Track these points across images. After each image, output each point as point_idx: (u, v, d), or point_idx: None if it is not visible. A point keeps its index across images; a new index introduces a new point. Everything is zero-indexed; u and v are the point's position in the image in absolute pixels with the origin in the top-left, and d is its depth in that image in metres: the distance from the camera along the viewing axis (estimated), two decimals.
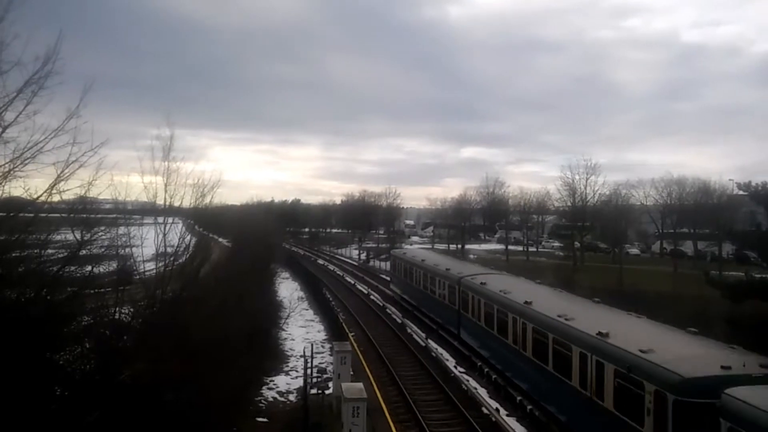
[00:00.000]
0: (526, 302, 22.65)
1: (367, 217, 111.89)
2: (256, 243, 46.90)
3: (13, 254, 12.61)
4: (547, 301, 22.83)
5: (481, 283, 28.31)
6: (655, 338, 16.43)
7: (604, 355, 16.44)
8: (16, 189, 12.00)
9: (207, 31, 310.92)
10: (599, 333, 17.12)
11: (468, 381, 25.32)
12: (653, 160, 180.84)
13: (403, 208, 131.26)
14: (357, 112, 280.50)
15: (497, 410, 21.46)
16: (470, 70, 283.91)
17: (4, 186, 11.55)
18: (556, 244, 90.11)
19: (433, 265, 37.42)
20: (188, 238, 22.40)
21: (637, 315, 20.35)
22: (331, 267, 72.12)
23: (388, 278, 51.66)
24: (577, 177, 76.08)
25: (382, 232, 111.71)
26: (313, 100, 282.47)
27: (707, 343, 16.40)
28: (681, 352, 15.32)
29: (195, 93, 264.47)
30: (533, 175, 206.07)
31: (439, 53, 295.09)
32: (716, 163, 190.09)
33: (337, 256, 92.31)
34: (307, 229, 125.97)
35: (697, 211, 70.63)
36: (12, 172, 11.44)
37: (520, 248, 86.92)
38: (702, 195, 73.51)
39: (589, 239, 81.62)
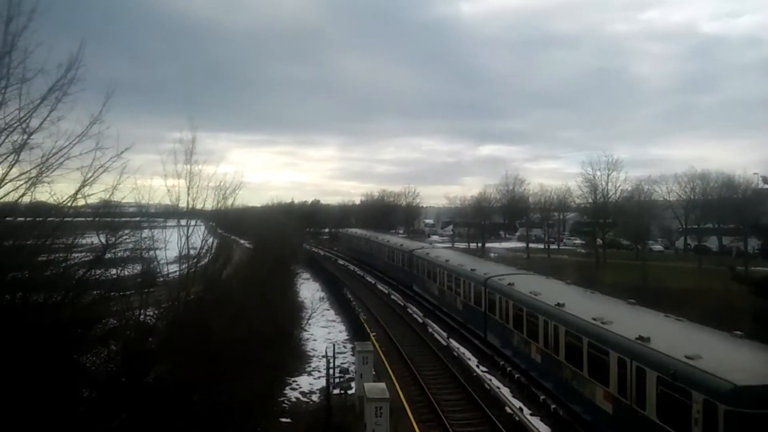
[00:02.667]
0: (558, 304, 21.82)
1: (386, 217, 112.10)
2: (277, 244, 47.16)
3: (40, 258, 12.83)
4: (581, 303, 21.88)
5: (509, 284, 27.49)
6: (700, 342, 15.54)
7: (646, 361, 15.32)
8: (42, 194, 12.22)
9: (221, 33, 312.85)
10: (639, 337, 16.14)
11: (491, 380, 25.20)
12: (675, 155, 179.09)
13: (422, 207, 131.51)
14: (372, 112, 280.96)
15: (521, 409, 21.34)
16: (485, 67, 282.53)
17: (31, 191, 11.75)
18: (578, 241, 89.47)
19: (458, 265, 37.02)
20: (210, 240, 22.59)
21: (676, 318, 19.17)
22: (352, 267, 72.26)
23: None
24: (598, 173, 75.68)
25: (401, 231, 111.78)
26: (328, 101, 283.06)
27: (758, 348, 15.26)
28: (731, 357, 14.26)
29: (212, 96, 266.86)
30: (553, 171, 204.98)
31: (453, 50, 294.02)
32: (740, 156, 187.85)
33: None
34: (327, 230, 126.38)
35: (721, 206, 69.77)
36: (39, 178, 11.64)
37: (541, 246, 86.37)
38: (726, 189, 72.62)
39: (612, 236, 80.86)
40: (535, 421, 20.59)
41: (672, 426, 14.17)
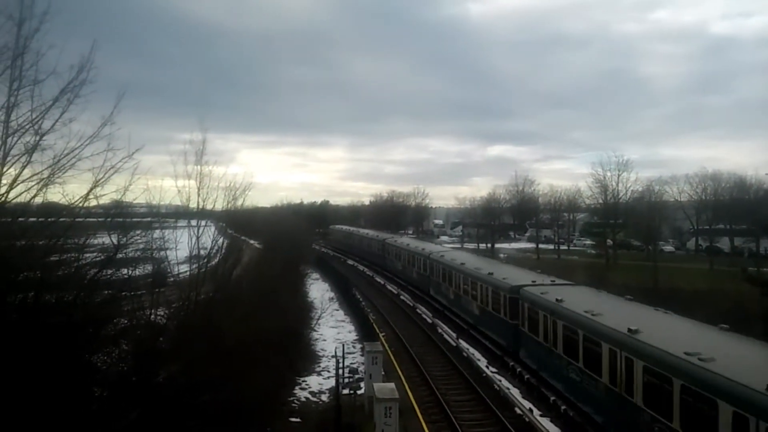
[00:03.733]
0: (630, 330, 17.27)
1: (395, 218, 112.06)
2: (287, 245, 47.30)
3: (52, 258, 12.94)
4: (662, 330, 17.55)
5: (557, 300, 22.88)
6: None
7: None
8: (54, 195, 12.34)
9: (230, 35, 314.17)
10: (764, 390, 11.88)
11: (500, 381, 25.15)
12: (686, 156, 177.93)
13: (431, 207, 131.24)
14: (381, 113, 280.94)
15: (531, 410, 21.27)
16: (494, 67, 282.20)
17: (44, 192, 11.85)
18: (588, 242, 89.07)
19: (474, 269, 34.88)
20: (220, 240, 22.69)
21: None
22: (361, 267, 72.29)
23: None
24: (608, 174, 75.21)
25: (411, 231, 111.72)
26: (337, 102, 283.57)
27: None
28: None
29: (221, 97, 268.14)
30: (562, 172, 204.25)
31: (462, 51, 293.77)
32: (752, 157, 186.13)
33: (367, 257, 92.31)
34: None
35: (733, 207, 69.31)
36: (51, 179, 11.74)
37: (551, 247, 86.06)
38: (738, 190, 72.15)
39: (622, 237, 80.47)
40: (545, 422, 20.52)
41: None
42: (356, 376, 26.70)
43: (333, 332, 37.72)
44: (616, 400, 17.39)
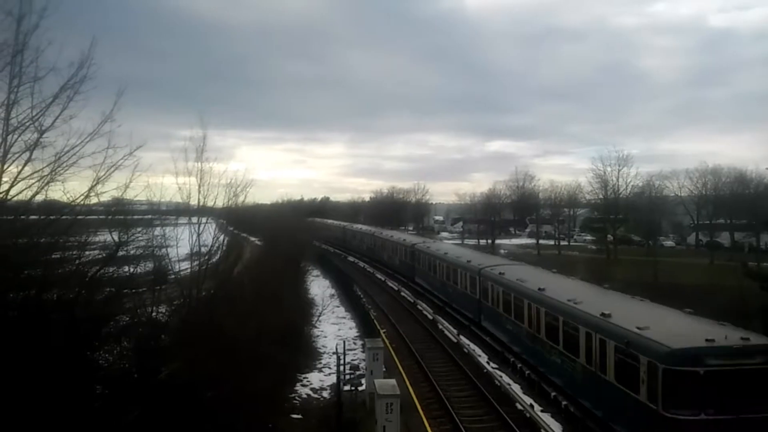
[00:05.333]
0: (540, 289, 24.38)
1: (396, 214, 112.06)
2: (287, 241, 47.29)
3: (54, 256, 12.94)
4: (561, 288, 24.54)
5: (500, 273, 30.08)
6: (649, 315, 18.26)
7: (607, 333, 17.72)
8: (55, 192, 12.32)
9: (226, 30, 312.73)
10: (602, 313, 18.62)
11: (501, 377, 25.16)
12: (686, 150, 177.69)
13: (431, 203, 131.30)
14: (379, 108, 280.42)
15: (531, 406, 21.29)
16: (491, 61, 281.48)
17: (45, 190, 11.84)
18: (589, 237, 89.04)
19: (455, 257, 40.35)
20: (221, 237, 22.69)
21: (635, 297, 22.05)
22: (361, 264, 72.32)
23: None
24: (608, 169, 75.09)
25: (411, 228, 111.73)
26: (334, 98, 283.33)
27: (700, 321, 17.78)
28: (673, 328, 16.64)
29: (219, 93, 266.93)
30: (561, 167, 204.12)
31: (459, 45, 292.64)
32: (751, 151, 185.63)
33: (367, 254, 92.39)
34: None
35: (733, 201, 69.27)
36: (51, 176, 11.73)
37: (552, 242, 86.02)
38: (738, 184, 72.11)
39: (623, 232, 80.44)
40: (546, 418, 20.54)
41: (623, 384, 16.64)
42: (357, 373, 26.73)
43: (334, 329, 37.72)
44: (531, 336, 24.53)
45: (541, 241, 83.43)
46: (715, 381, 14.49)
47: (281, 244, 44.80)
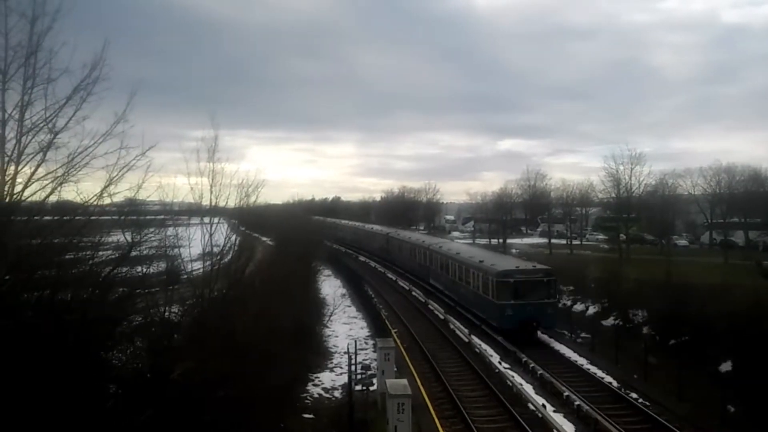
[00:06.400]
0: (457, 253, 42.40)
1: (406, 213, 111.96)
2: (299, 241, 47.41)
3: (67, 257, 13.03)
4: (468, 253, 42.50)
5: (439, 247, 48.10)
6: (498, 259, 38.41)
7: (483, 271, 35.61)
8: (68, 193, 12.39)
9: (237, 30, 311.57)
10: (480, 260, 37.01)
11: (513, 377, 25.11)
12: (699, 148, 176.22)
13: (442, 203, 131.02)
14: (389, 108, 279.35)
15: (544, 406, 21.23)
16: (501, 60, 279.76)
17: (58, 190, 11.93)
18: (601, 236, 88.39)
19: (428, 245, 51.47)
20: (233, 237, 22.75)
21: (502, 253, 43.74)
22: (372, 264, 72.39)
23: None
24: (621, 167, 74.35)
25: (422, 227, 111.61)
26: (344, 97, 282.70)
27: (518, 259, 40.40)
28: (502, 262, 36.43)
29: (229, 93, 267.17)
30: (573, 166, 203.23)
31: (469, 44, 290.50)
32: (766, 148, 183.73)
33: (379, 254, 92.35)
34: None
35: (747, 200, 68.50)
36: (65, 177, 11.81)
37: (564, 242, 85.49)
38: (753, 183, 71.32)
39: (635, 231, 79.78)
40: (559, 418, 20.49)
41: (482, 291, 34.80)
42: (369, 373, 26.73)
43: (345, 328, 37.79)
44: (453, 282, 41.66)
45: (553, 241, 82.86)
46: (518, 285, 32.23)
47: (293, 243, 44.91)
